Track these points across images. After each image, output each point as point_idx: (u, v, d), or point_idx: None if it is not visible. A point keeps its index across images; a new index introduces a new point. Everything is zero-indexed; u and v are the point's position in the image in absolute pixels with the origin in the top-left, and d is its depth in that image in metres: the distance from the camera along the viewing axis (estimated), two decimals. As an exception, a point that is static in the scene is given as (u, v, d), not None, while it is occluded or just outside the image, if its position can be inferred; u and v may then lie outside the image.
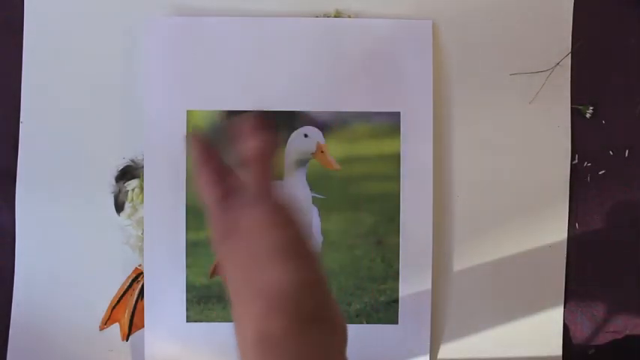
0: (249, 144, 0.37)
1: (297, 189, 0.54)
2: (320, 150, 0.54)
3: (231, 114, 0.54)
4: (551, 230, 0.56)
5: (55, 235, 0.56)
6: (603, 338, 0.57)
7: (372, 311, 0.54)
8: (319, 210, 0.54)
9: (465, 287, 0.56)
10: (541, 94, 0.56)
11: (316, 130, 0.54)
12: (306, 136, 0.54)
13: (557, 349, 0.57)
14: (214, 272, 0.55)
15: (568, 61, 0.56)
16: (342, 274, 0.55)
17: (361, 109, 0.54)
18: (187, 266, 0.54)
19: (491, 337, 0.56)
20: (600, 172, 0.57)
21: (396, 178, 0.54)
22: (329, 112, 0.54)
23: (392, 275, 0.54)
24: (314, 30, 0.54)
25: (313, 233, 0.54)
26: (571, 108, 0.57)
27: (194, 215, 0.54)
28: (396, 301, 0.54)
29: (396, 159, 0.54)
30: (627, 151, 0.57)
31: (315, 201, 0.54)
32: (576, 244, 0.57)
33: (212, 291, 0.54)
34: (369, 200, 0.54)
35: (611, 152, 0.57)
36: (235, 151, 0.38)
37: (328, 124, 0.54)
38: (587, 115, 0.57)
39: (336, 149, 0.54)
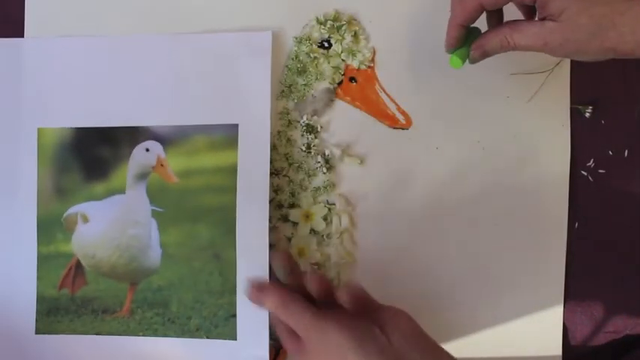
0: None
1: (137, 202, 0.54)
2: (160, 163, 0.54)
3: (80, 131, 0.56)
4: (551, 230, 0.55)
5: None
6: (603, 338, 0.57)
7: (211, 326, 0.54)
8: (158, 223, 0.55)
9: (464, 287, 0.56)
10: (541, 94, 0.55)
11: (157, 144, 0.54)
12: (147, 150, 0.54)
13: (557, 349, 0.56)
14: (63, 284, 0.56)
15: (568, 61, 0.55)
16: (181, 287, 0.54)
17: (201, 122, 0.54)
18: (38, 278, 0.56)
19: (490, 337, 0.56)
20: (600, 172, 0.56)
21: (232, 190, 0.53)
22: (170, 127, 0.55)
23: (229, 289, 0.53)
24: (157, 47, 0.56)
25: (152, 246, 0.54)
26: (570, 108, 0.56)
27: (44, 229, 0.56)
28: (234, 315, 0.53)
29: (233, 171, 0.54)
30: (627, 151, 0.56)
31: (154, 214, 0.54)
32: (576, 244, 0.56)
33: (60, 303, 0.56)
34: (206, 213, 0.54)
35: (610, 152, 0.56)
36: None
37: (170, 138, 0.55)
38: (587, 115, 0.56)
39: (176, 162, 0.54)
